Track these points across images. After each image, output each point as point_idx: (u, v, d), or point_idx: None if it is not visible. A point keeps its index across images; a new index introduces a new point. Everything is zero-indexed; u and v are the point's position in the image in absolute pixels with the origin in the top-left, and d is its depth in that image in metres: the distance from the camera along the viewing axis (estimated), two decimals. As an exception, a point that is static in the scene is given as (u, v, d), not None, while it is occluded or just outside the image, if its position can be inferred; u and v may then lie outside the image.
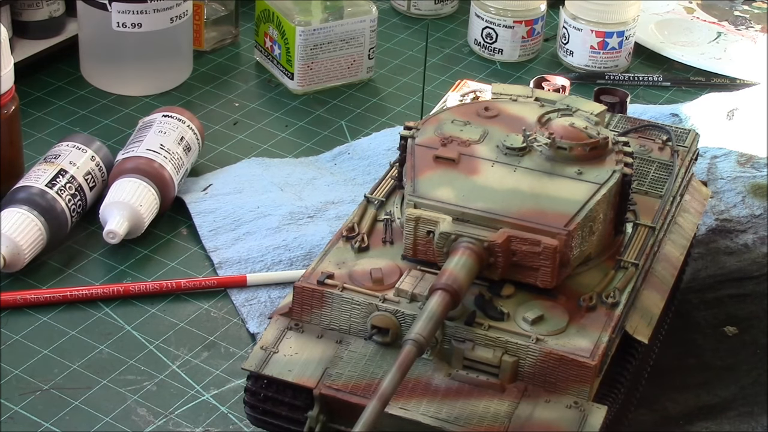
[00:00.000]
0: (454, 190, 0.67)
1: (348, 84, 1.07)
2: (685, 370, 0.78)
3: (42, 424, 0.72)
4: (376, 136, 0.99)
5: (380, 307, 0.65)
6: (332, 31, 1.04)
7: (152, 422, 0.73)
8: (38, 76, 1.05)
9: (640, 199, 0.72)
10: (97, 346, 0.78)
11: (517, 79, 1.10)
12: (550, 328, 0.64)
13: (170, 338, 0.79)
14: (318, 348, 0.66)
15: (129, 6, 0.99)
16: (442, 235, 0.65)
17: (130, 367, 0.77)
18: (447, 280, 0.63)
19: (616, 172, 0.68)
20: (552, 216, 0.66)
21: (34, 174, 0.86)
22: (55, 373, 0.76)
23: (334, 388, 0.64)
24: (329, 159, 0.97)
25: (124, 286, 0.82)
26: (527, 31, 1.11)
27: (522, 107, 0.74)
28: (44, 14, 1.03)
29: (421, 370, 0.64)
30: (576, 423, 0.62)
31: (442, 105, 0.98)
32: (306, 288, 0.67)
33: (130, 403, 0.74)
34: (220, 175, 0.94)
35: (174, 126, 0.91)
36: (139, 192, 0.86)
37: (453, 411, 0.62)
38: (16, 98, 0.88)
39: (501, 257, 0.65)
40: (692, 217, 0.79)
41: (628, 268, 0.68)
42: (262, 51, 1.08)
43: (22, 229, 0.82)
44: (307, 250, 0.85)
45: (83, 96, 1.03)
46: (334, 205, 0.90)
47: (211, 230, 0.88)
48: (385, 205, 0.73)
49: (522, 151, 0.69)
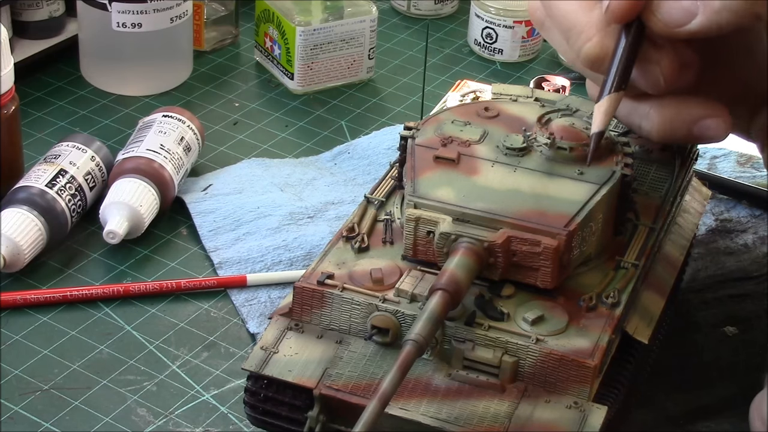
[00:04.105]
0: (454, 191, 0.67)
1: (348, 84, 1.07)
2: (685, 370, 0.78)
3: (42, 424, 0.72)
4: (376, 135, 0.99)
5: (380, 308, 0.65)
6: (332, 31, 1.04)
7: (152, 422, 0.73)
8: (38, 76, 1.05)
9: (640, 199, 0.72)
10: (97, 346, 0.78)
11: (517, 79, 1.10)
12: (550, 329, 0.64)
13: (170, 338, 0.79)
14: (318, 348, 0.66)
15: (129, 6, 0.99)
16: (442, 235, 0.65)
17: (130, 367, 0.77)
18: (447, 281, 0.63)
19: (616, 173, 0.68)
20: (552, 216, 0.66)
21: (34, 174, 0.86)
22: (55, 373, 0.76)
23: (334, 388, 0.64)
24: (329, 159, 0.97)
25: (124, 286, 0.82)
26: (527, 31, 1.11)
27: (522, 107, 0.74)
28: (44, 14, 1.03)
29: (421, 370, 0.64)
30: (576, 423, 0.62)
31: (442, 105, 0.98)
32: (306, 288, 0.67)
33: (130, 403, 0.74)
34: (220, 175, 0.94)
35: (174, 126, 0.91)
36: (139, 192, 0.86)
37: (453, 411, 0.62)
38: (16, 98, 0.88)
39: (501, 257, 0.65)
40: (692, 217, 0.79)
41: (628, 269, 0.68)
42: (262, 51, 1.08)
43: (22, 229, 0.82)
44: (307, 251, 0.85)
45: (83, 96, 1.03)
46: (334, 206, 0.90)
47: (211, 230, 0.88)
48: (385, 206, 0.73)
49: (522, 151, 0.69)
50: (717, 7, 0.62)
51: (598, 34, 0.66)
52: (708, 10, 0.63)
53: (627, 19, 0.65)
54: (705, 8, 0.63)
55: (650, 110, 0.70)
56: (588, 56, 0.67)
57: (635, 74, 0.67)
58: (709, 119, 0.69)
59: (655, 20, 0.65)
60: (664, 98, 0.70)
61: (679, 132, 0.70)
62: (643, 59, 0.67)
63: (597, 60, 0.67)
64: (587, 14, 0.67)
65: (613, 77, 0.66)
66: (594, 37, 0.67)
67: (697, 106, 0.69)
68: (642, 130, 0.71)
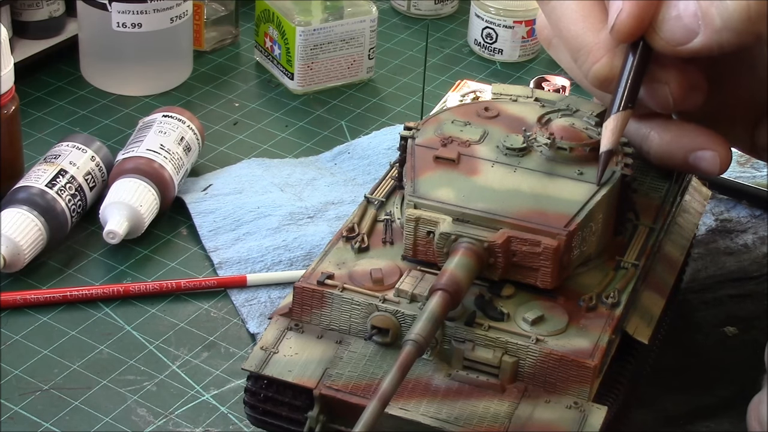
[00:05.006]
0: (454, 191, 0.67)
1: (348, 84, 1.07)
2: (685, 370, 0.78)
3: (42, 424, 0.72)
4: (376, 135, 0.99)
5: (380, 308, 0.65)
6: (332, 31, 1.04)
7: (152, 422, 0.73)
8: (38, 76, 1.05)
9: (640, 200, 0.72)
10: (97, 346, 0.78)
11: (517, 79, 1.10)
12: (550, 329, 0.64)
13: (170, 338, 0.79)
14: (318, 348, 0.66)
15: (129, 6, 0.99)
16: (442, 235, 0.65)
17: (130, 367, 0.77)
18: (447, 281, 0.63)
19: (616, 173, 0.68)
20: (552, 216, 0.66)
21: (34, 174, 0.86)
22: (55, 373, 0.76)
23: (334, 388, 0.64)
24: (329, 159, 0.97)
25: (124, 286, 0.82)
26: (527, 31, 1.11)
27: (522, 107, 0.74)
28: (44, 14, 1.03)
29: (421, 370, 0.64)
30: (576, 423, 0.62)
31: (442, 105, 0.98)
32: (306, 288, 0.67)
33: (130, 403, 0.74)
34: (220, 175, 0.94)
35: (174, 126, 0.91)
36: (139, 192, 0.86)
37: (453, 411, 0.62)
38: (16, 98, 0.88)
39: (501, 258, 0.65)
40: (692, 217, 0.79)
41: (628, 269, 0.68)
42: (262, 51, 1.08)
43: (22, 229, 0.82)
44: (307, 251, 0.85)
45: (83, 96, 1.03)
46: (334, 206, 0.90)
47: (211, 230, 0.88)
48: (385, 206, 0.73)
49: (522, 151, 0.69)
50: (718, 27, 0.63)
51: (607, 54, 0.67)
52: (709, 30, 0.63)
53: (633, 38, 0.65)
54: (706, 28, 0.63)
55: (651, 132, 0.71)
56: (596, 77, 0.67)
57: (644, 93, 0.68)
58: (707, 151, 0.69)
59: (657, 38, 0.65)
60: (667, 122, 0.71)
61: (675, 158, 0.70)
62: (651, 79, 0.67)
63: (605, 80, 0.67)
64: (595, 35, 0.67)
65: (620, 95, 0.66)
66: (602, 57, 0.67)
67: (698, 135, 0.70)
68: (642, 151, 0.72)
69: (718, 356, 0.79)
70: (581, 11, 0.68)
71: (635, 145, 0.71)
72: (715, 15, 0.62)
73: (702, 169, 0.70)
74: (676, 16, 0.64)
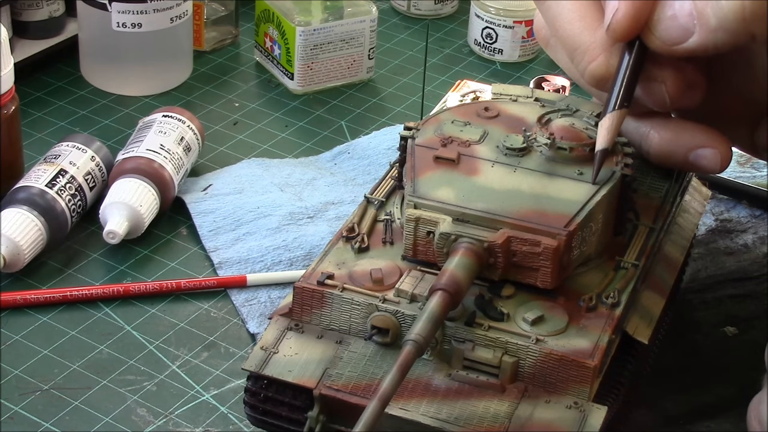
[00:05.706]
0: (454, 191, 0.67)
1: (348, 84, 1.07)
2: (685, 370, 0.78)
3: (42, 424, 0.72)
4: (376, 135, 0.99)
5: (380, 308, 0.65)
6: (332, 31, 1.04)
7: (152, 422, 0.73)
8: (38, 76, 1.05)
9: (640, 200, 0.72)
10: (97, 346, 0.78)
11: (517, 79, 1.10)
12: (550, 329, 0.64)
13: (170, 338, 0.79)
14: (318, 348, 0.66)
15: (129, 6, 0.99)
16: (442, 235, 0.65)
17: (130, 367, 0.77)
18: (447, 281, 0.63)
19: (616, 173, 0.68)
20: (552, 216, 0.66)
21: (34, 174, 0.86)
22: (55, 373, 0.76)
23: (334, 388, 0.64)
24: (329, 159, 0.97)
25: (124, 286, 0.82)
26: (527, 31, 1.11)
27: (522, 107, 0.74)
28: (44, 14, 1.03)
29: (421, 370, 0.64)
30: (576, 423, 0.62)
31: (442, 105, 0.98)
32: (306, 288, 0.67)
33: (130, 403, 0.74)
34: (220, 175, 0.94)
35: (174, 126, 0.91)
36: (139, 192, 0.86)
37: (453, 411, 0.62)
38: (16, 98, 0.88)
39: (501, 258, 0.65)
40: (692, 217, 0.79)
41: (628, 269, 0.68)
42: (262, 51, 1.08)
43: (22, 229, 0.82)
44: (307, 251, 0.86)
45: (83, 96, 1.03)
46: (334, 206, 0.90)
47: (211, 230, 0.88)
48: (385, 206, 0.73)
49: (522, 151, 0.69)
50: (713, 27, 0.63)
51: (603, 53, 0.67)
52: (704, 30, 0.63)
53: (628, 38, 0.66)
54: (701, 27, 0.63)
55: (650, 131, 0.71)
56: (593, 75, 0.67)
57: (641, 92, 0.68)
58: (707, 149, 0.69)
59: (652, 38, 0.65)
60: (667, 121, 0.71)
61: (675, 156, 0.70)
62: (648, 77, 0.67)
63: (602, 79, 0.67)
64: (592, 34, 0.67)
65: (616, 94, 0.67)
66: (599, 56, 0.67)
67: (698, 133, 0.70)
68: (641, 150, 0.72)
69: (718, 356, 0.79)
70: (577, 11, 0.68)
71: (635, 145, 0.71)
72: (710, 15, 0.63)
73: (702, 167, 0.70)
74: (672, 16, 0.64)
